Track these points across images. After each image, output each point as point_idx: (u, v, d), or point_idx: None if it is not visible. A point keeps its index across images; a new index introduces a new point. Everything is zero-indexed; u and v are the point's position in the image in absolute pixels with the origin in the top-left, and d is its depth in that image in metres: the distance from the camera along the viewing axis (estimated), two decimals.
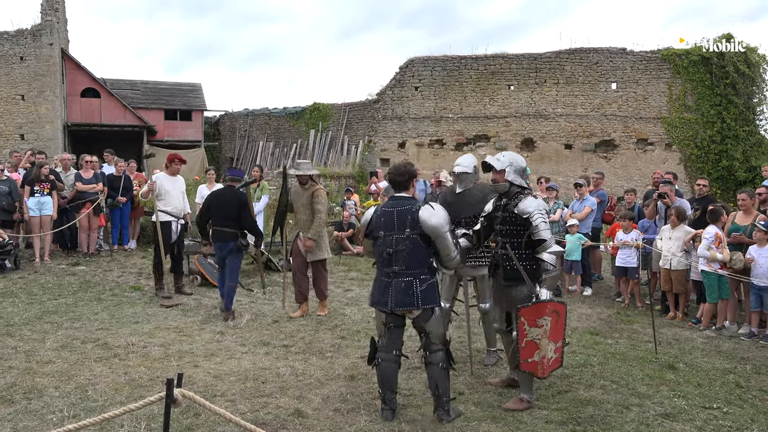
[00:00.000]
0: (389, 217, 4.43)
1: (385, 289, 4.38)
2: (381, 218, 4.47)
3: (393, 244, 4.35)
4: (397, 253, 4.34)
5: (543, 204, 4.72)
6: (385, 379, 4.38)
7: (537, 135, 20.86)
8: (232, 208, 7.19)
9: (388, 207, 4.51)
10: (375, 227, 4.49)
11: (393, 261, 4.36)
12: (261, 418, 4.30)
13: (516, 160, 4.80)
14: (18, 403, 4.52)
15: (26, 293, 8.21)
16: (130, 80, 27.20)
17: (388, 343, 4.43)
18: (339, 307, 7.95)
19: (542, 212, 4.61)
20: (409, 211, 4.38)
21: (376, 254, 4.50)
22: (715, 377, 5.53)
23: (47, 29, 21.52)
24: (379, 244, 4.45)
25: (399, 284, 4.32)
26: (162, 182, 8.21)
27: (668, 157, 19.94)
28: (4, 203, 9.89)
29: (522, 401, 4.64)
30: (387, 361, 4.40)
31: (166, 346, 6.02)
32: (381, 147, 22.15)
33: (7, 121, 21.39)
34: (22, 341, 6.06)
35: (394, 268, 4.34)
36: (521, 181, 4.79)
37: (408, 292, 4.30)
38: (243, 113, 27.72)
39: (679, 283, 7.88)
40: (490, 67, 21.22)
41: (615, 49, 20.42)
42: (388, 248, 4.36)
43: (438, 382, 4.31)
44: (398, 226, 4.37)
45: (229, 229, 7.18)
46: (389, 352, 4.41)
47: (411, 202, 4.49)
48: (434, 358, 4.36)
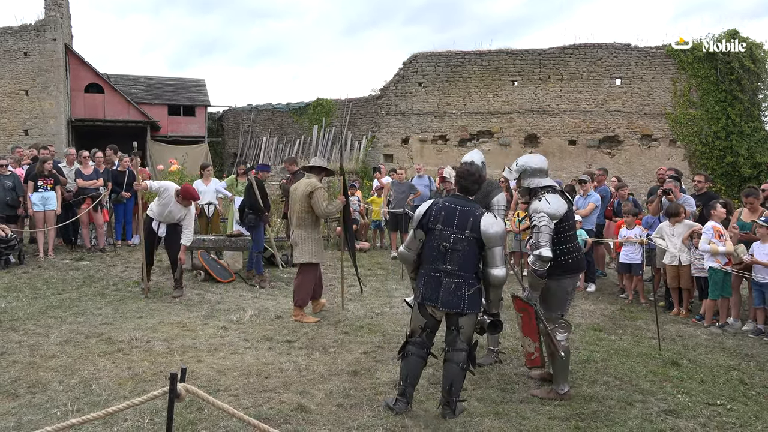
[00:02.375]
0: (451, 213, 4.41)
1: (436, 286, 4.35)
2: (441, 212, 4.43)
3: (450, 241, 4.34)
4: (453, 252, 4.33)
5: (554, 208, 4.66)
6: (410, 373, 4.40)
7: (541, 131, 20.82)
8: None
9: (451, 203, 4.48)
10: (433, 220, 4.43)
11: (447, 259, 4.34)
12: (264, 413, 4.31)
13: (528, 163, 4.90)
14: (22, 397, 4.53)
15: (30, 288, 8.23)
16: (133, 76, 27.23)
17: (421, 342, 4.47)
18: (342, 303, 7.95)
19: (544, 216, 4.61)
20: (473, 214, 4.38)
21: (428, 247, 4.44)
22: (718, 374, 5.52)
23: (51, 25, 21.55)
24: (434, 237, 4.40)
25: (449, 284, 4.32)
26: (172, 204, 7.96)
27: (672, 153, 19.89)
28: (8, 198, 9.91)
29: (551, 392, 4.77)
30: (416, 356, 4.42)
31: (169, 341, 6.03)
32: (384, 143, 22.13)
33: (11, 117, 21.44)
34: (26, 336, 6.08)
35: (447, 266, 4.34)
36: (539, 181, 4.83)
37: (457, 293, 4.31)
38: (246, 109, 27.75)
39: (687, 280, 7.86)
40: (493, 63, 21.17)
41: (619, 45, 20.35)
42: (445, 243, 4.33)
43: (454, 380, 4.32)
44: (458, 224, 4.36)
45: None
46: (420, 348, 4.44)
47: (474, 206, 4.47)
48: (456, 356, 4.36)
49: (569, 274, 4.83)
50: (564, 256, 4.77)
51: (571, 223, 4.88)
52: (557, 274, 4.76)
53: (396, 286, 9.11)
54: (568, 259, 4.79)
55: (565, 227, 4.77)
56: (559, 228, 4.72)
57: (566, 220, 4.77)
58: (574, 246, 4.84)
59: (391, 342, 6.19)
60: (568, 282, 4.87)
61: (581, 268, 4.97)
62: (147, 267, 8.12)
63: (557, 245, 4.73)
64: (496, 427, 4.20)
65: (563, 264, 4.78)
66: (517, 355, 5.87)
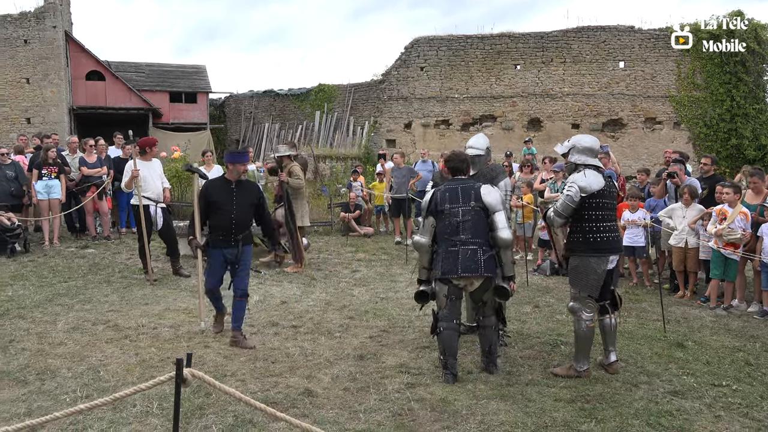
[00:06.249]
0: (454, 192, 4.88)
1: (454, 257, 4.75)
2: (446, 194, 4.88)
3: (460, 215, 4.79)
4: (463, 223, 4.77)
5: (588, 182, 4.75)
6: (447, 346, 4.74)
7: (544, 115, 20.72)
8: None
9: (451, 185, 4.95)
10: (441, 201, 4.86)
11: (460, 230, 4.77)
12: (271, 397, 4.34)
13: (579, 141, 4.99)
14: (32, 384, 4.57)
15: (36, 276, 8.26)
16: (134, 63, 27.12)
17: (449, 313, 4.80)
18: (347, 288, 7.98)
19: (574, 185, 4.77)
20: (472, 188, 4.89)
21: (441, 228, 4.86)
22: (724, 355, 5.53)
23: (50, 12, 21.45)
24: (445, 216, 4.83)
25: (465, 252, 4.73)
26: (140, 169, 8.10)
27: (677, 136, 19.81)
28: (12, 189, 9.91)
29: (570, 369, 4.88)
30: (449, 329, 4.77)
31: (175, 328, 6.06)
32: (387, 128, 22.06)
33: (13, 105, 21.41)
34: (33, 323, 6.11)
35: (461, 236, 4.76)
36: (585, 159, 4.90)
37: (473, 259, 4.72)
38: (248, 95, 27.64)
39: (694, 263, 7.85)
40: (496, 47, 21.04)
41: (623, 27, 20.20)
42: (455, 218, 4.79)
43: (491, 340, 4.90)
44: (463, 199, 4.82)
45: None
46: (450, 321, 4.78)
47: (471, 181, 5.00)
48: (488, 321, 4.91)
49: (596, 253, 4.79)
50: (591, 233, 4.79)
51: (604, 203, 4.82)
52: (582, 250, 4.81)
53: (400, 270, 9.13)
54: (596, 238, 4.78)
55: (596, 205, 4.78)
56: (589, 203, 4.76)
57: (598, 198, 4.77)
58: (604, 226, 4.81)
59: (396, 326, 6.21)
60: (595, 261, 4.80)
61: (612, 250, 4.85)
62: (147, 256, 8.13)
63: (585, 222, 4.79)
64: (502, 409, 4.23)
65: (590, 241, 4.79)
66: (522, 338, 5.89)
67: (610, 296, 5.02)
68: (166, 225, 8.38)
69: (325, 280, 8.45)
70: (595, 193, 4.76)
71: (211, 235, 5.66)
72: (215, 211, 5.61)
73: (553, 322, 6.56)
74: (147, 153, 8.43)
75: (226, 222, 5.57)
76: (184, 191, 12.87)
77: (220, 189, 5.69)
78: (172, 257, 8.57)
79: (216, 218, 5.62)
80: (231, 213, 5.57)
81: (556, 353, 5.49)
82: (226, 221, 5.57)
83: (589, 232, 4.80)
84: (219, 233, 5.60)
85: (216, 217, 5.62)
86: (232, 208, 5.58)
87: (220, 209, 5.58)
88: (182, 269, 8.50)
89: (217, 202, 5.58)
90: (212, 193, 5.63)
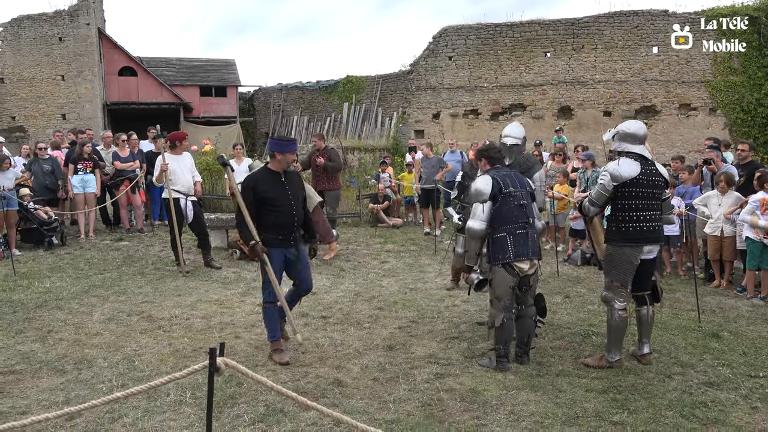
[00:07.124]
0: (511, 177, 4.96)
1: (524, 240, 4.78)
2: (506, 178, 4.90)
3: (522, 198, 4.87)
4: (527, 207, 4.88)
5: (620, 170, 4.68)
6: (507, 337, 4.80)
7: (575, 102, 20.39)
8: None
9: (504, 171, 5.01)
10: (504, 185, 4.84)
11: (526, 213, 4.86)
12: (302, 387, 4.38)
13: (623, 127, 4.88)
14: (69, 373, 4.69)
15: (73, 268, 8.47)
16: (165, 58, 27.48)
17: (509, 304, 4.82)
18: (376, 279, 7.99)
19: (606, 174, 4.75)
20: (517, 174, 5.07)
21: (507, 211, 4.81)
22: (761, 346, 5.40)
23: (84, 10, 21.86)
24: (510, 199, 4.83)
25: (533, 235, 4.86)
26: (170, 163, 8.22)
27: (712, 122, 19.31)
28: (48, 182, 10.18)
29: (602, 359, 4.84)
30: (509, 320, 4.82)
31: (208, 318, 6.16)
32: (415, 118, 21.97)
33: (49, 102, 21.90)
34: (71, 314, 6.27)
35: (529, 219, 4.87)
36: (626, 146, 4.80)
37: (537, 243, 4.92)
38: (276, 88, 27.79)
39: (731, 252, 7.67)
40: (525, 35, 20.74)
41: (656, 12, 19.71)
42: (522, 201, 4.86)
43: (530, 331, 4.95)
44: (520, 184, 4.93)
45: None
46: (510, 311, 4.84)
47: (511, 169, 5.17)
48: (529, 311, 4.97)
49: (630, 242, 4.71)
50: (625, 223, 4.71)
51: (640, 192, 4.69)
52: (616, 239, 4.75)
53: (429, 261, 9.11)
54: (629, 227, 4.70)
55: (630, 194, 4.68)
56: (623, 193, 4.69)
57: (632, 186, 4.66)
58: (640, 216, 4.70)
59: (425, 317, 6.21)
60: (629, 251, 4.71)
61: (647, 240, 4.73)
62: (179, 249, 8.25)
63: (619, 211, 4.73)
64: (532, 399, 4.20)
65: (623, 231, 4.71)
66: (553, 328, 5.83)
67: (651, 287, 4.94)
68: (197, 218, 8.49)
69: (354, 271, 8.48)
70: (629, 182, 4.66)
71: (267, 235, 4.96)
72: (271, 209, 4.94)
73: (584, 313, 6.49)
74: (177, 147, 8.54)
75: (288, 219, 4.97)
76: (214, 184, 13.04)
77: (271, 183, 4.99)
78: (203, 249, 8.69)
79: (273, 216, 4.95)
80: (291, 209, 4.98)
81: (587, 344, 5.43)
82: (287, 218, 4.97)
83: (622, 222, 4.72)
84: (279, 232, 4.97)
85: (273, 215, 4.94)
86: (290, 204, 4.99)
87: (277, 206, 4.94)
88: (213, 261, 8.62)
89: (272, 198, 4.94)
90: (264, 189, 4.94)
